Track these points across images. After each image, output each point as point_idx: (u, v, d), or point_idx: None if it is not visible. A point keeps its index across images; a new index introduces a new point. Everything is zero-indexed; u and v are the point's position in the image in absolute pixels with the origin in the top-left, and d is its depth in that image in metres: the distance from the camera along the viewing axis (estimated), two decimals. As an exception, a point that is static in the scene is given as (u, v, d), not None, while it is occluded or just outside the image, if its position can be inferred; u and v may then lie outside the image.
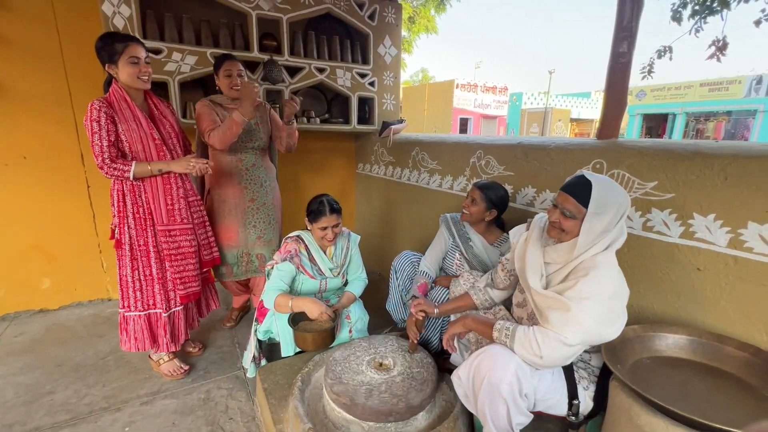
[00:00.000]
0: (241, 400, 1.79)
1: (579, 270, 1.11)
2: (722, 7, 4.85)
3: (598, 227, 1.09)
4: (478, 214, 1.73)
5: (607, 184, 1.12)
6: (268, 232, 2.23)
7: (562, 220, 1.15)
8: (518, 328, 1.11)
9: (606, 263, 1.09)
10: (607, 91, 1.54)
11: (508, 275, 1.42)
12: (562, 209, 1.15)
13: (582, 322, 1.03)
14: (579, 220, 1.11)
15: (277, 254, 1.84)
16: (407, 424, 1.35)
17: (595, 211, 1.09)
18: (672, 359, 1.13)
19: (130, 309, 1.79)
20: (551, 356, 1.04)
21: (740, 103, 14.26)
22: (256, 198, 2.17)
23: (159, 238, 1.76)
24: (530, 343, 1.06)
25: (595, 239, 1.10)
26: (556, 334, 1.04)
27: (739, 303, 1.16)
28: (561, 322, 1.04)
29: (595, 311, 1.04)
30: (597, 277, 1.06)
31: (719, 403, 0.96)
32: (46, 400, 1.77)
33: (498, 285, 1.45)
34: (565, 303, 1.05)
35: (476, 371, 1.14)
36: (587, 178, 1.12)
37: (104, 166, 1.60)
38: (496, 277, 1.46)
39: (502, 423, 1.11)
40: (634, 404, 0.94)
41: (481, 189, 1.73)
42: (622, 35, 1.42)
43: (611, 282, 1.08)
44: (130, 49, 1.61)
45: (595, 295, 1.04)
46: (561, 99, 20.04)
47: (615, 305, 1.07)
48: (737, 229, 1.14)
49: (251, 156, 2.16)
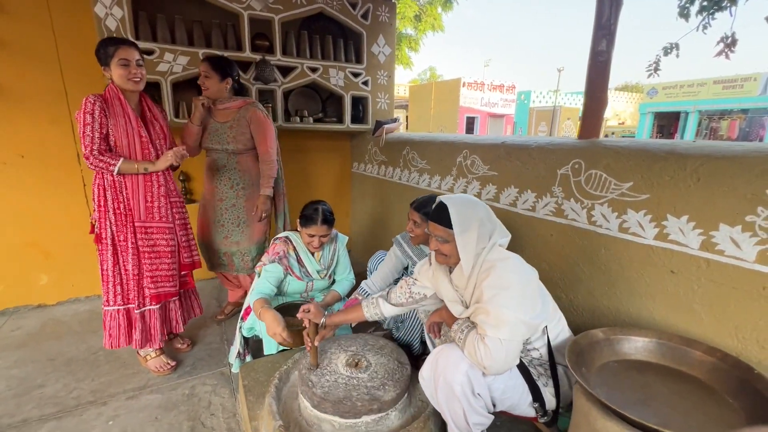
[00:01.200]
0: (224, 396, 1.82)
1: (480, 276, 1.15)
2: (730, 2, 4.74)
3: (471, 241, 1.15)
4: (424, 235, 1.71)
5: (460, 202, 1.19)
6: (236, 234, 2.23)
7: (440, 246, 1.22)
8: (470, 334, 1.11)
9: (499, 258, 1.14)
10: (587, 90, 1.52)
11: (409, 296, 1.44)
12: (435, 237, 1.23)
13: (503, 317, 1.05)
14: (453, 242, 1.18)
15: (266, 255, 1.85)
16: (378, 423, 1.35)
17: (460, 229, 1.15)
18: (639, 362, 1.12)
19: (109, 303, 1.82)
20: (493, 366, 1.05)
21: (756, 101, 13.87)
22: (225, 199, 2.20)
23: (137, 234, 1.78)
24: (475, 351, 1.07)
25: (474, 252, 1.15)
26: (490, 338, 1.05)
27: (711, 306, 1.14)
28: (487, 325, 1.06)
29: (511, 303, 1.06)
30: (496, 272, 1.10)
31: (680, 407, 0.94)
32: (36, 393, 1.81)
33: (392, 300, 1.47)
34: (484, 308, 1.08)
35: (434, 368, 1.15)
36: (444, 203, 1.20)
37: (91, 156, 1.63)
38: (392, 292, 1.48)
39: (461, 422, 1.11)
40: (592, 408, 0.93)
41: (417, 210, 1.72)
42: (601, 33, 1.40)
43: (511, 272, 1.11)
44: (120, 52, 1.65)
45: (502, 289, 1.07)
46: (570, 97, 19.77)
47: (526, 290, 1.11)
48: (709, 231, 1.12)
49: (223, 157, 2.18)
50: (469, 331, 1.11)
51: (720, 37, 4.43)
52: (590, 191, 1.43)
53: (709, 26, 4.58)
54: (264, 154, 2.16)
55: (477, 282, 1.15)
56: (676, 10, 5.22)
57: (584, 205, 1.46)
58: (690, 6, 3.53)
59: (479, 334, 1.07)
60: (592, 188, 1.42)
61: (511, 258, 1.15)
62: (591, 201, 1.43)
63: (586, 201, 1.45)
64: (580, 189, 1.46)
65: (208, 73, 2.05)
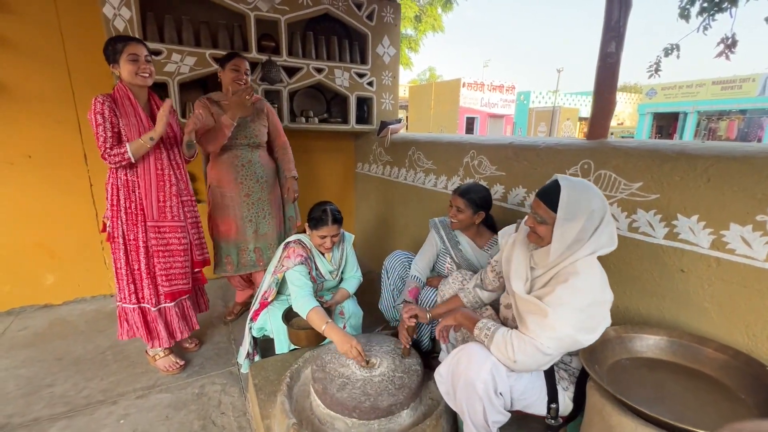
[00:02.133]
0: (234, 396, 1.83)
1: (560, 276, 1.10)
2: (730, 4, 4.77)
3: (570, 233, 1.06)
4: (467, 220, 1.72)
5: (578, 189, 1.08)
6: (263, 226, 2.28)
7: (536, 226, 1.14)
8: (498, 330, 1.12)
9: (587, 270, 1.07)
10: (595, 91, 1.53)
11: (497, 277, 1.42)
12: (534, 214, 1.15)
13: (557, 328, 1.02)
14: (551, 225, 1.09)
15: (288, 260, 1.80)
16: (390, 421, 1.37)
17: (564, 216, 1.06)
18: (651, 360, 1.13)
19: (125, 301, 1.84)
20: (525, 362, 1.05)
21: (754, 102, 13.94)
22: (251, 193, 2.22)
23: (149, 234, 1.80)
24: (506, 346, 1.07)
25: (569, 245, 1.08)
26: (531, 339, 1.04)
27: (721, 305, 1.15)
28: (538, 327, 1.04)
29: (572, 318, 1.02)
30: (576, 283, 1.05)
31: (693, 404, 0.96)
32: (46, 393, 1.82)
33: (487, 286, 1.46)
34: (544, 308, 1.05)
35: (455, 368, 1.15)
36: (558, 182, 1.10)
37: (106, 155, 1.65)
38: (485, 278, 1.46)
39: (479, 420, 1.12)
40: (606, 404, 0.94)
41: (462, 195, 1.71)
42: (610, 35, 1.41)
43: (590, 289, 1.06)
44: (129, 48, 1.66)
45: (572, 302, 1.03)
46: (569, 97, 19.82)
47: (595, 312, 1.06)
48: (720, 231, 1.13)
49: (247, 152, 2.20)
50: (497, 329, 1.12)
51: (720, 38, 4.46)
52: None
53: (710, 27, 4.61)
54: (283, 143, 2.34)
55: (555, 278, 1.11)
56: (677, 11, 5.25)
57: (593, 205, 1.47)
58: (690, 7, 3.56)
59: (516, 332, 1.07)
60: (601, 188, 1.44)
61: (598, 275, 1.09)
62: (600, 201, 1.44)
63: (596, 201, 1.46)
64: (589, 189, 1.48)
65: (248, 69, 2.12)
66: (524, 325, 1.08)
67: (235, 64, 2.09)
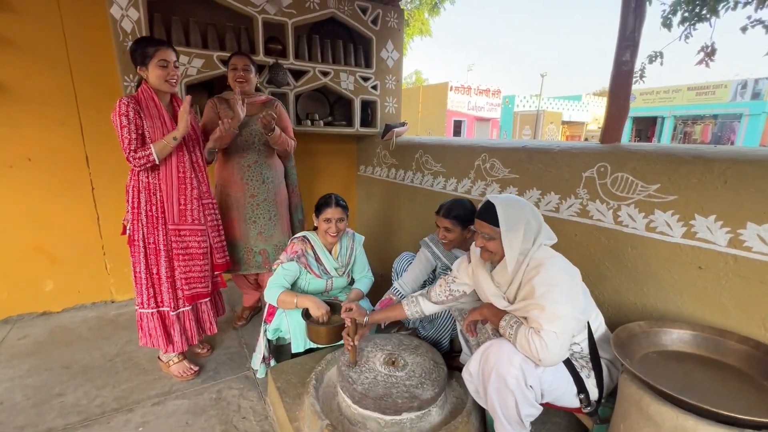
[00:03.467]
0: (253, 400, 1.81)
1: (528, 274, 1.21)
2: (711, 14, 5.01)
3: (516, 240, 1.21)
4: (457, 238, 1.74)
5: (510, 203, 1.25)
6: (269, 228, 2.27)
7: (486, 243, 1.28)
8: (520, 329, 1.16)
9: (547, 257, 1.21)
10: (610, 96, 1.60)
11: (449, 294, 1.49)
12: (482, 234, 1.29)
13: (556, 312, 1.10)
14: (498, 239, 1.24)
15: (284, 254, 1.88)
16: (421, 420, 1.39)
17: (506, 227, 1.21)
18: (677, 353, 1.19)
19: (143, 306, 1.81)
20: (548, 357, 1.10)
21: (726, 107, 14.61)
22: (257, 194, 2.21)
23: (169, 237, 1.78)
24: (529, 345, 1.11)
25: (520, 251, 1.21)
26: (545, 332, 1.10)
27: (738, 299, 1.22)
28: (543, 319, 1.11)
29: (562, 298, 1.13)
30: (546, 270, 1.16)
31: (721, 392, 1.02)
32: (57, 402, 1.77)
33: (432, 298, 1.53)
34: (537, 304, 1.14)
35: (484, 364, 1.19)
36: (491, 202, 1.26)
37: (131, 158, 1.63)
38: (432, 290, 1.53)
39: (512, 415, 1.16)
40: (644, 395, 0.99)
41: (447, 216, 1.72)
42: (626, 44, 1.48)
43: (560, 270, 1.18)
44: (160, 53, 1.65)
45: (553, 286, 1.14)
46: (552, 102, 20.31)
47: (573, 287, 1.18)
48: (737, 230, 1.21)
49: (253, 153, 2.20)
50: (519, 327, 1.16)
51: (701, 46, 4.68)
52: (616, 193, 1.51)
53: (691, 36, 4.84)
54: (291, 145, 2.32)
55: (524, 279, 1.21)
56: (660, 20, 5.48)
57: (610, 206, 1.54)
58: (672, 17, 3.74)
59: (533, 328, 1.12)
60: (618, 190, 1.50)
61: (557, 257, 1.22)
62: (617, 202, 1.51)
63: (612, 202, 1.53)
64: (606, 191, 1.54)
65: (248, 66, 2.09)
66: (533, 321, 1.14)
67: (233, 63, 2.09)
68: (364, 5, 2.87)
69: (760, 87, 13.89)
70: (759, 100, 13.87)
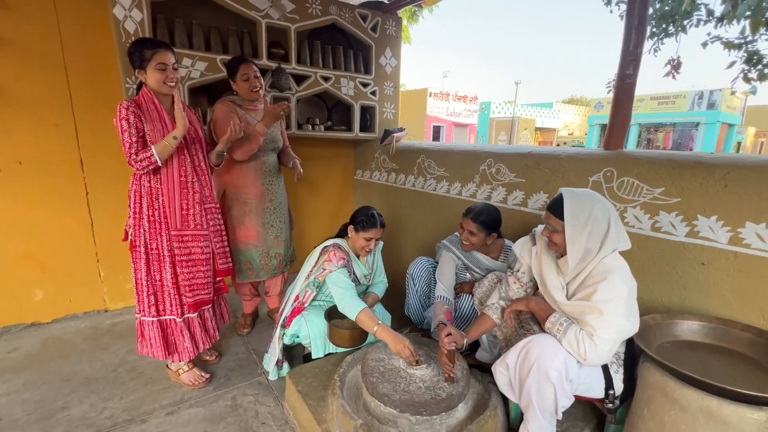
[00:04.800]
0: (270, 405, 1.80)
1: (595, 275, 1.24)
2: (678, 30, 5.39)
3: (579, 237, 1.21)
4: (479, 242, 1.80)
5: (580, 197, 1.24)
6: (284, 230, 2.31)
7: (551, 235, 1.31)
8: (570, 327, 1.22)
9: (617, 266, 1.23)
10: (614, 107, 1.72)
11: (523, 287, 1.53)
12: (547, 225, 1.31)
13: (614, 321, 1.16)
14: (562, 233, 1.25)
15: (328, 263, 1.81)
16: (450, 416, 1.43)
17: (570, 222, 1.22)
18: (689, 342, 1.30)
19: (144, 314, 1.76)
20: (593, 359, 1.17)
21: (685, 116, 15.62)
22: (274, 198, 2.23)
23: (172, 243, 1.75)
24: (578, 345, 1.18)
25: (585, 249, 1.22)
26: (598, 337, 1.16)
27: (738, 292, 1.35)
28: (598, 324, 1.17)
29: (621, 309, 1.17)
30: (614, 279, 1.19)
31: (734, 375, 1.12)
32: (62, 416, 1.70)
33: (512, 297, 1.55)
34: (596, 307, 1.18)
35: (525, 358, 1.25)
36: (561, 194, 1.26)
37: (132, 162, 1.60)
38: (509, 290, 1.55)
39: (548, 406, 1.22)
40: (669, 380, 1.08)
41: (474, 220, 1.76)
42: (629, 59, 1.60)
43: (625, 282, 1.22)
44: (158, 56, 1.62)
45: (617, 296, 1.18)
46: (526, 108, 21.03)
47: (632, 300, 1.23)
48: (737, 229, 1.33)
49: (272, 158, 2.23)
50: (569, 325, 1.22)
51: (668, 59, 5.04)
52: (623, 196, 1.62)
53: (659, 50, 5.19)
54: (288, 146, 2.37)
55: (589, 280, 1.23)
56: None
57: (617, 208, 1.64)
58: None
59: (586, 331, 1.18)
60: (624, 193, 1.61)
61: (626, 268, 1.23)
62: (624, 204, 1.62)
63: (619, 205, 1.64)
64: (613, 194, 1.65)
65: (257, 73, 2.10)
66: (587, 324, 1.20)
67: (245, 73, 2.05)
68: (364, 13, 2.92)
69: (715, 98, 14.96)
70: (714, 110, 14.93)
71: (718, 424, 0.98)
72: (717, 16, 4.83)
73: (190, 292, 1.81)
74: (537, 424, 1.29)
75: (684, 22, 5.03)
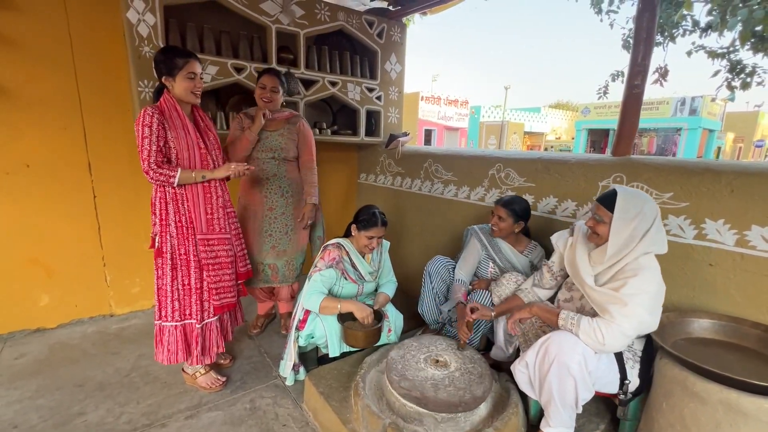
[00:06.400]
0: (289, 407, 1.82)
1: (626, 271, 1.31)
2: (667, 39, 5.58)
3: (624, 230, 1.30)
4: (508, 229, 1.90)
5: (632, 194, 1.34)
6: (283, 242, 2.24)
7: (596, 225, 1.39)
8: (582, 319, 1.29)
9: (649, 265, 1.30)
10: (622, 114, 1.80)
11: (554, 276, 1.61)
12: (594, 215, 1.40)
13: (637, 314, 1.23)
14: (608, 224, 1.33)
15: (320, 261, 1.90)
16: (473, 414, 1.48)
17: (619, 215, 1.31)
18: (701, 339, 1.37)
19: (167, 319, 1.77)
20: (612, 344, 1.24)
21: (668, 122, 16.09)
22: (275, 207, 2.21)
23: (198, 247, 1.76)
24: (594, 333, 1.24)
25: (624, 242, 1.30)
26: (617, 325, 1.23)
27: (745, 291, 1.43)
28: (620, 314, 1.23)
29: (646, 304, 1.25)
30: (645, 276, 1.27)
31: (748, 369, 1.19)
32: (80, 422, 1.68)
33: (545, 285, 1.65)
34: (622, 299, 1.25)
35: (544, 355, 1.30)
36: (615, 189, 1.36)
37: (150, 170, 1.60)
38: (542, 278, 1.65)
39: (570, 399, 1.28)
40: (689, 375, 1.14)
41: (505, 206, 1.89)
42: (637, 70, 1.68)
43: (655, 280, 1.30)
44: (189, 66, 1.65)
45: (644, 292, 1.26)
46: (515, 113, 21.37)
47: (658, 299, 1.30)
48: (743, 231, 1.41)
49: (273, 166, 2.19)
50: (581, 318, 1.29)
51: (656, 67, 5.22)
52: (632, 200, 1.69)
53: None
54: (309, 162, 2.26)
55: (620, 274, 1.31)
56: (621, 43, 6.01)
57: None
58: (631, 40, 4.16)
59: (604, 319, 1.25)
60: (633, 197, 1.69)
61: (658, 269, 1.31)
62: (633, 208, 1.70)
63: (629, 208, 1.71)
64: (623, 198, 1.72)
65: (276, 87, 2.10)
66: (607, 313, 1.26)
67: (263, 82, 2.10)
68: (370, 19, 2.97)
69: (696, 104, 15.46)
70: (696, 116, 15.41)
71: (738, 415, 1.05)
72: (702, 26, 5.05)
73: (216, 295, 1.82)
74: (558, 418, 1.34)
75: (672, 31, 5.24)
